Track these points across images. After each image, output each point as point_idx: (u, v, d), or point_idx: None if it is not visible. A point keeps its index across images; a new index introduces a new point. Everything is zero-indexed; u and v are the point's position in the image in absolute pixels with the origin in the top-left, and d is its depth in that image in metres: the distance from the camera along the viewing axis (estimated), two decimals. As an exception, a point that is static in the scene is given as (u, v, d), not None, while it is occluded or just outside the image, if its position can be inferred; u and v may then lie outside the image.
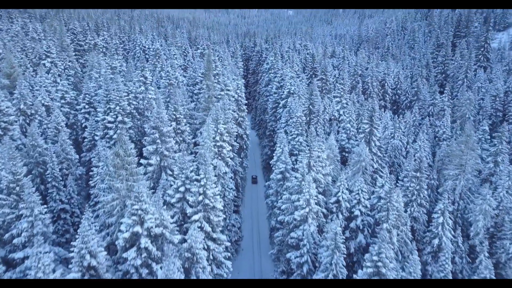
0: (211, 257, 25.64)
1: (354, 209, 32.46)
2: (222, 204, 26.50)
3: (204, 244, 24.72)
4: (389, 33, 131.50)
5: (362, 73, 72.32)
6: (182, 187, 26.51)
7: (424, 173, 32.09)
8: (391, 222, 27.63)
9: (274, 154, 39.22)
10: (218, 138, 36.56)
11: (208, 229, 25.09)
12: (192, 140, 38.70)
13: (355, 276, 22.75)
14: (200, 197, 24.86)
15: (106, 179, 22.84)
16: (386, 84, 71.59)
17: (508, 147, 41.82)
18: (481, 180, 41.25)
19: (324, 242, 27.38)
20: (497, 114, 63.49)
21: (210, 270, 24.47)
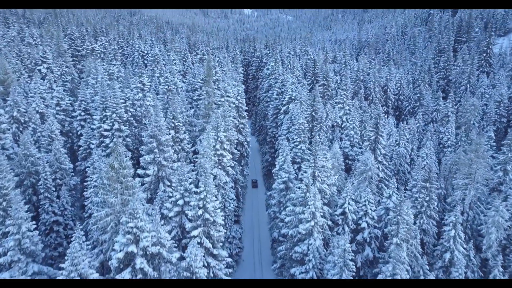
0: (211, 275, 24.14)
1: (361, 221, 31.07)
2: (223, 218, 25.05)
3: (204, 261, 23.25)
4: (389, 38, 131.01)
5: (364, 79, 71.26)
6: (181, 200, 25.09)
7: (434, 183, 30.73)
8: (401, 236, 26.22)
9: (276, 163, 37.83)
10: (219, 147, 35.20)
11: (208, 245, 23.62)
12: (192, 149, 37.33)
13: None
14: (200, 211, 23.42)
15: (100, 193, 21.41)
16: (389, 90, 70.52)
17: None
18: (490, 189, 39.92)
19: (331, 258, 25.94)
20: (501, 120, 62.40)
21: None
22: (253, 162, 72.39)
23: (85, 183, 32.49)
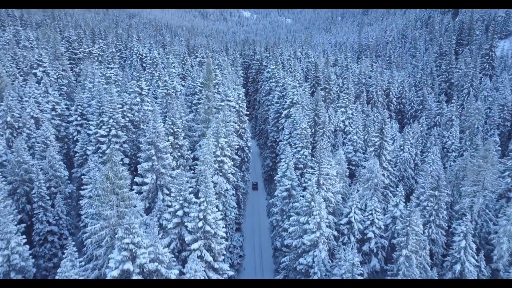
0: (212, 290, 22.89)
1: (367, 231, 29.94)
2: (224, 230, 23.86)
3: (205, 275, 22.05)
4: (390, 41, 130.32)
5: (366, 82, 70.26)
6: (180, 211, 23.90)
7: (443, 192, 29.61)
8: (411, 248, 25.08)
9: (279, 170, 36.66)
10: (219, 153, 34.02)
11: (209, 259, 22.42)
12: (191, 155, 36.14)
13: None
14: (200, 223, 22.24)
15: (95, 205, 20.21)
16: (391, 93, 69.53)
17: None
18: (497, 196, 38.84)
19: (337, 271, 24.73)
20: (505, 124, 61.42)
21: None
22: (253, 166, 71.22)
23: (81, 191, 31.27)
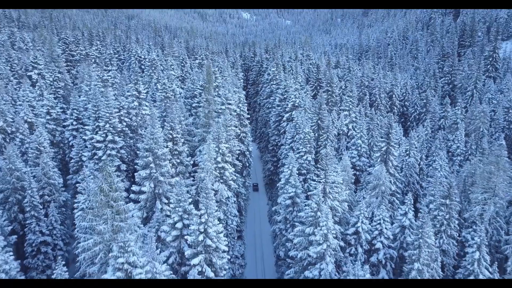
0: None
1: (375, 241, 28.60)
2: (226, 243, 22.51)
3: (206, 292, 20.69)
4: (391, 43, 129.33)
5: (369, 84, 69.03)
6: (179, 223, 22.53)
7: (455, 200, 28.31)
8: (423, 261, 23.75)
9: (282, 176, 35.29)
10: (220, 159, 32.68)
11: (211, 275, 21.06)
12: (191, 162, 34.78)
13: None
14: (201, 237, 20.89)
15: (88, 218, 18.85)
16: (394, 96, 68.33)
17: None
18: (507, 203, 37.57)
19: (346, 286, 23.35)
20: (510, 127, 60.29)
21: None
22: (254, 170, 69.97)
23: (75, 201, 29.89)
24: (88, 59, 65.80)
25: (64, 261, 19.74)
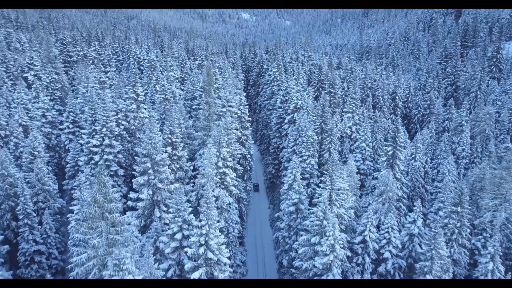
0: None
1: (383, 250, 27.47)
2: (228, 255, 21.33)
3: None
4: (392, 43, 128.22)
5: (372, 86, 67.89)
6: (179, 234, 21.36)
7: (466, 208, 27.16)
8: (435, 273, 22.60)
9: (285, 181, 34.13)
10: (221, 164, 31.50)
11: (212, 289, 19.83)
12: (190, 167, 33.58)
13: None
14: (202, 249, 19.71)
15: (81, 231, 17.66)
16: (397, 97, 67.18)
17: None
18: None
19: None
20: (516, 129, 59.17)
21: None
22: (255, 171, 68.86)
23: (70, 209, 28.70)
24: (86, 60, 64.60)
25: (59, 271, 18.63)
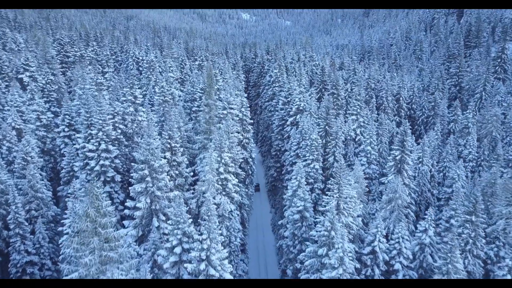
0: None
1: (394, 261, 26.13)
2: (231, 270, 19.95)
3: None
4: (394, 43, 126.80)
5: (375, 87, 66.54)
6: (178, 248, 19.99)
7: (481, 217, 25.83)
8: (451, 288, 21.22)
9: (289, 187, 32.77)
10: (222, 170, 30.16)
11: (214, 308, 18.46)
12: (190, 173, 32.20)
13: None
14: (203, 265, 18.35)
15: (73, 247, 16.28)
16: (401, 99, 65.82)
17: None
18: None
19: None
20: (523, 131, 57.77)
21: None
22: (256, 175, 67.71)
23: (65, 216, 27.30)
24: (83, 61, 63.20)
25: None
